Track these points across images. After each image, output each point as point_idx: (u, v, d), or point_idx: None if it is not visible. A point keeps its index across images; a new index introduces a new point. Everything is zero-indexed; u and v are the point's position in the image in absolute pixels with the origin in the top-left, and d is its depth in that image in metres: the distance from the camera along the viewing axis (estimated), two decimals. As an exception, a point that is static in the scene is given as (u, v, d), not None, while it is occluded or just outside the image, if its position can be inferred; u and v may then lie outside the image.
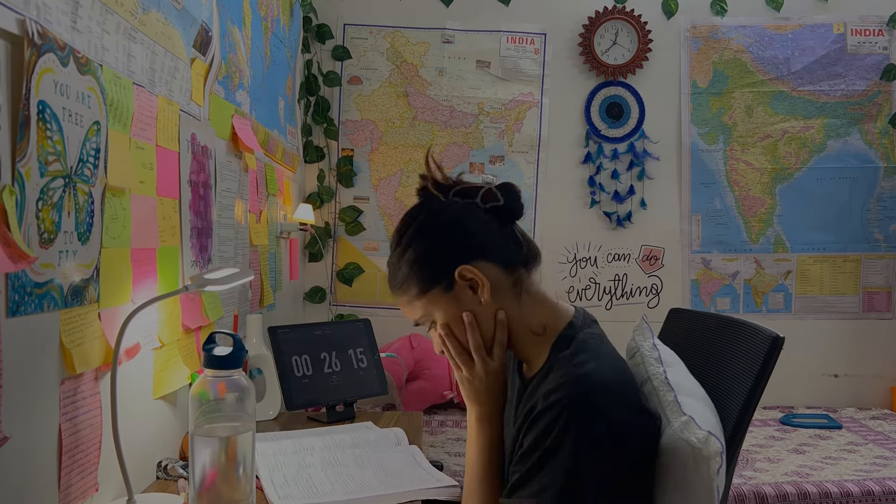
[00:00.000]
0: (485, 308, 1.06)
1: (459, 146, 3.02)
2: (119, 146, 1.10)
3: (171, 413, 1.35)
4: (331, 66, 3.01)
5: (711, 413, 1.09)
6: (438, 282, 1.05)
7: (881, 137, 3.03)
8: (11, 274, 0.83)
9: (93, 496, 1.03)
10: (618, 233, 3.07)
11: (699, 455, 0.96)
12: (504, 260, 1.07)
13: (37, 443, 0.90)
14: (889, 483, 2.03)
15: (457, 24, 3.03)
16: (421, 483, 1.28)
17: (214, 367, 0.99)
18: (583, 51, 3.04)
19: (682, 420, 1.01)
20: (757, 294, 3.07)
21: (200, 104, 1.52)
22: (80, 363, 0.98)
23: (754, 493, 1.99)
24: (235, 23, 1.80)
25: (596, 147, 3.06)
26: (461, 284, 1.05)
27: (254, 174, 1.96)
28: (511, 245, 1.08)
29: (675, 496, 1.01)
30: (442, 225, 1.07)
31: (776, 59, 3.03)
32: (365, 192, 3.03)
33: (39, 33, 0.86)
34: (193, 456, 0.97)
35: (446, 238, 1.07)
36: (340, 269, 3.02)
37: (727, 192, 3.06)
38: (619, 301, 3.07)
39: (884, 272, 3.04)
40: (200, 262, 1.49)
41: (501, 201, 1.07)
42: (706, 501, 0.97)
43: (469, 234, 1.07)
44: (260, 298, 2.05)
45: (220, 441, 0.98)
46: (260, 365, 1.73)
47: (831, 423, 2.68)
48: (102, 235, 1.05)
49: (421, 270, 1.06)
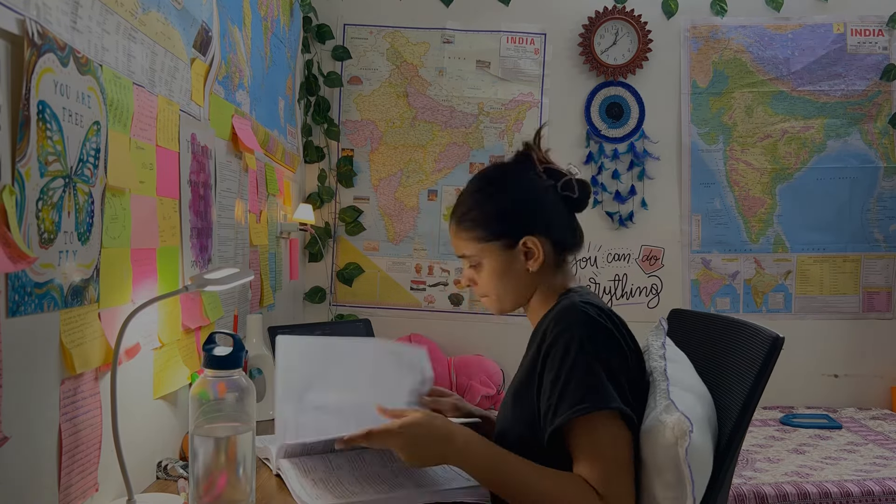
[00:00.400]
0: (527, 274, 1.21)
1: (459, 146, 3.02)
2: (119, 146, 1.10)
3: (171, 413, 1.35)
4: (331, 66, 3.01)
5: (701, 405, 1.12)
6: (503, 237, 1.20)
7: (881, 137, 3.03)
8: (11, 274, 0.83)
9: (93, 496, 1.03)
10: (618, 233, 3.07)
11: (670, 433, 1.02)
12: (560, 241, 1.23)
13: (37, 443, 0.90)
14: (889, 483, 2.03)
15: (457, 24, 3.03)
16: (447, 483, 1.22)
17: (214, 368, 0.99)
18: (583, 51, 3.04)
19: (664, 404, 1.07)
20: (757, 294, 3.07)
21: (200, 104, 1.52)
22: (80, 363, 0.98)
23: (754, 493, 1.99)
24: (235, 23, 1.80)
25: (597, 147, 3.06)
26: (520, 249, 1.20)
27: (254, 174, 1.96)
28: (569, 231, 1.25)
29: (652, 474, 1.05)
30: (528, 192, 1.22)
31: (776, 59, 3.03)
32: (365, 192, 3.03)
33: (39, 33, 0.86)
34: (193, 456, 0.97)
35: (528, 205, 1.22)
36: (340, 269, 3.02)
37: (727, 192, 3.06)
38: (620, 301, 3.07)
39: (884, 272, 3.04)
40: (200, 262, 1.49)
41: (576, 194, 1.23)
42: (676, 479, 1.02)
43: (545, 210, 1.22)
44: (260, 298, 2.05)
45: (220, 441, 0.98)
46: (260, 365, 1.73)
47: (831, 423, 2.68)
48: (102, 235, 1.05)
49: (496, 222, 1.21)
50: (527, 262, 1.21)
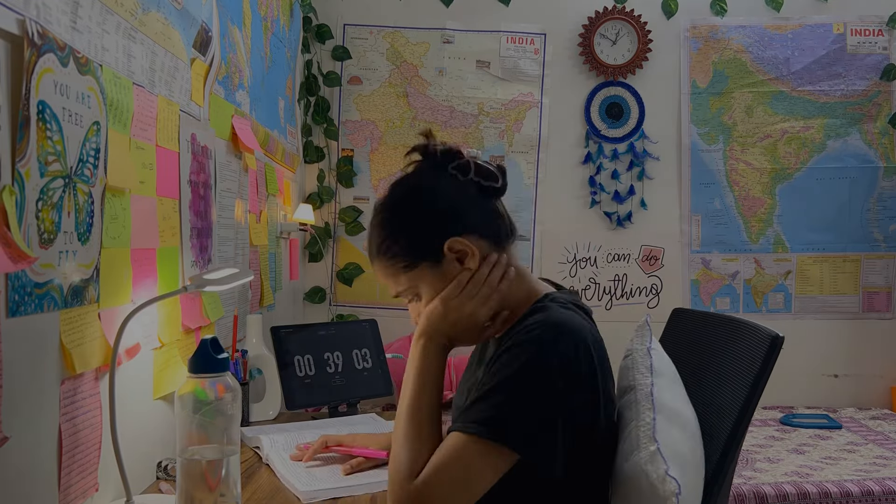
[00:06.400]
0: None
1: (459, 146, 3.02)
2: (119, 146, 1.10)
3: (171, 413, 1.35)
4: (331, 66, 3.01)
5: (688, 441, 1.06)
6: (427, 256, 1.06)
7: (881, 137, 3.03)
8: (11, 274, 0.83)
9: (93, 496, 1.03)
10: (618, 233, 3.07)
11: (656, 493, 0.97)
12: (490, 234, 1.08)
13: (37, 443, 0.90)
14: (889, 483, 2.03)
15: (457, 25, 3.03)
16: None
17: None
18: (583, 51, 3.04)
19: (650, 450, 1.00)
20: (757, 294, 3.07)
21: (200, 104, 1.52)
22: (80, 363, 0.98)
23: (754, 493, 1.99)
24: (235, 23, 1.80)
25: (596, 147, 3.06)
26: (449, 257, 1.05)
27: (254, 174, 1.96)
28: (497, 219, 1.10)
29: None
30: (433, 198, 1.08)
31: (776, 59, 3.03)
32: (365, 192, 3.03)
33: (39, 33, 0.86)
34: (178, 478, 0.96)
35: (436, 212, 1.07)
36: (340, 269, 3.02)
37: (727, 192, 3.06)
38: (619, 301, 3.07)
39: (883, 272, 3.04)
40: (200, 262, 1.49)
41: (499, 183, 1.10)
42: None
43: (459, 207, 1.07)
44: (260, 298, 2.05)
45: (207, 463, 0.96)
46: (260, 365, 1.73)
47: (831, 423, 2.68)
48: (102, 235, 1.05)
49: (410, 244, 1.06)
50: (462, 265, 1.05)
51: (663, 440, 1.01)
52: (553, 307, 1.04)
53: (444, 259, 1.05)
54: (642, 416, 1.05)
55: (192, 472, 0.95)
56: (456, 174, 1.09)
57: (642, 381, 1.11)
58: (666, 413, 1.06)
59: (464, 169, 1.09)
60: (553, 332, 0.98)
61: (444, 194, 1.08)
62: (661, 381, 1.12)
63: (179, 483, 0.95)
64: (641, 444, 1.02)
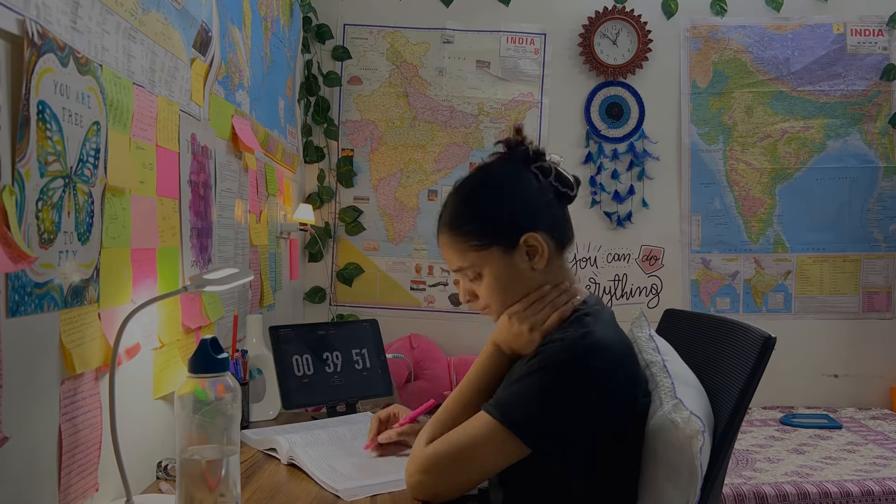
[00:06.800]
0: (533, 275, 1.15)
1: (459, 146, 3.02)
2: (119, 146, 1.10)
3: (171, 413, 1.35)
4: (331, 66, 3.01)
5: (702, 399, 1.13)
6: (501, 242, 1.13)
7: (881, 137, 3.03)
8: (11, 274, 0.83)
9: (93, 496, 1.03)
10: (618, 233, 3.07)
11: (682, 433, 1.02)
12: (558, 236, 1.17)
13: (37, 443, 0.90)
14: (889, 483, 2.03)
15: (457, 25, 3.03)
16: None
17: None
18: (583, 51, 3.04)
19: (672, 403, 1.06)
20: (757, 294, 3.07)
21: (200, 104, 1.52)
22: (80, 363, 0.98)
23: (754, 493, 1.99)
24: (235, 23, 1.80)
25: (596, 147, 3.06)
26: (521, 249, 1.13)
27: (254, 174, 1.96)
28: (565, 224, 1.20)
29: (661, 473, 1.05)
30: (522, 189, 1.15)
31: (776, 59, 3.03)
32: (365, 193, 3.03)
33: (39, 33, 0.86)
34: (178, 479, 0.96)
35: (525, 203, 1.15)
36: (340, 269, 3.02)
37: (727, 192, 3.06)
38: (619, 301, 3.07)
39: (883, 272, 3.04)
40: (200, 263, 1.49)
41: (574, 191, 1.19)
42: (689, 478, 1.01)
43: (542, 205, 1.16)
44: (260, 298, 2.05)
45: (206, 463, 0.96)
46: (260, 365, 1.73)
47: (831, 423, 2.68)
48: (102, 235, 1.05)
49: (488, 227, 1.14)
50: (531, 261, 1.13)
51: (684, 398, 1.08)
52: (588, 321, 1.11)
53: (516, 249, 1.13)
54: (661, 383, 1.12)
55: (191, 472, 0.95)
56: (538, 174, 1.16)
57: (653, 358, 1.18)
58: (681, 380, 1.13)
59: (545, 171, 1.16)
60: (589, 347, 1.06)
61: (530, 190, 1.16)
62: (669, 358, 1.19)
63: (179, 483, 0.95)
64: (664, 401, 1.08)
